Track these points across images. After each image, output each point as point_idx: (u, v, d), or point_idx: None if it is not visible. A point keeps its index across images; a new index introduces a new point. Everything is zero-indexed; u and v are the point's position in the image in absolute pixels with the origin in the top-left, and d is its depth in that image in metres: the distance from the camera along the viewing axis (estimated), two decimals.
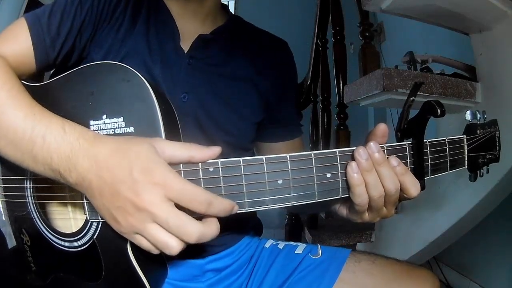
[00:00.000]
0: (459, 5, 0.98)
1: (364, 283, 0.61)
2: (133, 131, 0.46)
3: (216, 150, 0.43)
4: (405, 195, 0.47)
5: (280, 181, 0.43)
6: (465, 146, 0.52)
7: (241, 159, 0.43)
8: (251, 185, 0.43)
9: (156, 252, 0.41)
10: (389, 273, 0.62)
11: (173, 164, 0.41)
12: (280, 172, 0.43)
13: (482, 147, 0.53)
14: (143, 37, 0.62)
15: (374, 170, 0.44)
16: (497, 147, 0.55)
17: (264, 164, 0.43)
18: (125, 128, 0.46)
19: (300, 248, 0.70)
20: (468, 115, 0.53)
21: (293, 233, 1.96)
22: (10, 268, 0.58)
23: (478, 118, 0.54)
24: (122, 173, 0.40)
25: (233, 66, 0.68)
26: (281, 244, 0.72)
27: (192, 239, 0.39)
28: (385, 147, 0.46)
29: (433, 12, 1.04)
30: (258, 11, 3.30)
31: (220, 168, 0.43)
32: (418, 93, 0.48)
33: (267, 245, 0.73)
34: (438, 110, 0.44)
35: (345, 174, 0.45)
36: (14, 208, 0.56)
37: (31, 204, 0.54)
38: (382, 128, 0.47)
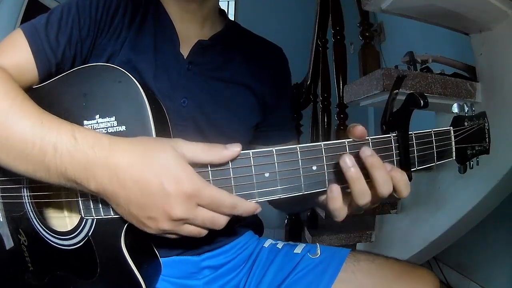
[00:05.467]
0: (459, 5, 0.98)
1: (363, 283, 0.61)
2: (124, 129, 0.47)
3: (236, 149, 0.43)
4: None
5: (267, 174, 0.44)
6: (452, 137, 0.52)
7: None
8: (239, 178, 0.44)
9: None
10: (389, 273, 0.61)
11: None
12: (266, 165, 0.44)
13: (470, 138, 0.53)
14: (143, 44, 0.62)
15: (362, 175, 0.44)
16: (487, 139, 0.55)
17: (251, 158, 0.44)
18: (117, 127, 0.47)
19: (299, 247, 0.70)
20: (455, 108, 0.54)
21: (293, 233, 1.96)
22: (9, 269, 0.58)
23: (466, 111, 0.54)
24: (152, 186, 0.40)
25: (231, 71, 0.68)
26: (280, 244, 0.72)
27: (222, 227, 0.44)
28: (370, 139, 0.47)
29: (433, 12, 1.04)
30: (258, 11, 3.31)
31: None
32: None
33: (266, 244, 0.73)
34: (421, 101, 0.44)
35: (330, 166, 0.45)
36: (11, 208, 0.56)
37: (27, 204, 0.54)
38: (360, 130, 0.45)
